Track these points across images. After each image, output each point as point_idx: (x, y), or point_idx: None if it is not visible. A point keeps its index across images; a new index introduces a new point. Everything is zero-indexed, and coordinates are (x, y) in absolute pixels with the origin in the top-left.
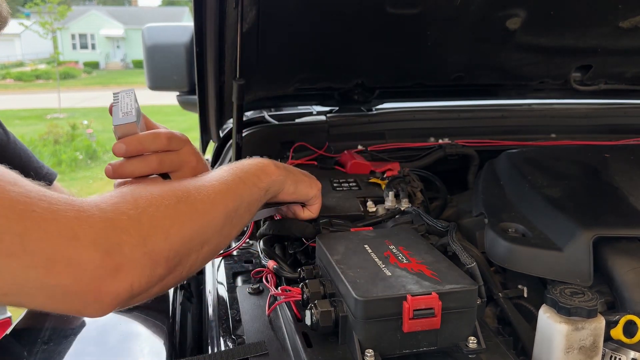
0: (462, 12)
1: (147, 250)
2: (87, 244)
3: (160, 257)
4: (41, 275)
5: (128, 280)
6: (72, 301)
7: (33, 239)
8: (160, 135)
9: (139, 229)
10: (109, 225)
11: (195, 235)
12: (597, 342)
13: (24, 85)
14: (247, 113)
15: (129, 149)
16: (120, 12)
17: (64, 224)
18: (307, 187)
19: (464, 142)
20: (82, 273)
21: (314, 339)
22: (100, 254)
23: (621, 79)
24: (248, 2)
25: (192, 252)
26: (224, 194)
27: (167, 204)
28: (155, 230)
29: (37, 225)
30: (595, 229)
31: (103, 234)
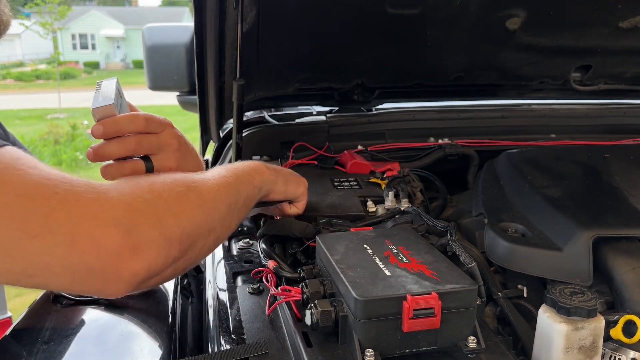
0: (462, 12)
1: (162, 231)
2: (108, 223)
3: (174, 239)
4: (66, 253)
5: (146, 260)
6: (94, 279)
7: (57, 219)
8: (137, 117)
9: (154, 212)
10: (127, 207)
11: (203, 222)
12: (596, 342)
13: (24, 85)
14: (247, 113)
15: (106, 130)
16: (120, 12)
17: (86, 204)
18: (296, 185)
19: (463, 142)
20: (104, 251)
21: (314, 338)
22: (121, 233)
23: (621, 79)
24: (248, 3)
25: (200, 237)
26: (225, 187)
27: (179, 191)
28: (169, 213)
29: (61, 206)
30: (595, 228)
31: (123, 214)
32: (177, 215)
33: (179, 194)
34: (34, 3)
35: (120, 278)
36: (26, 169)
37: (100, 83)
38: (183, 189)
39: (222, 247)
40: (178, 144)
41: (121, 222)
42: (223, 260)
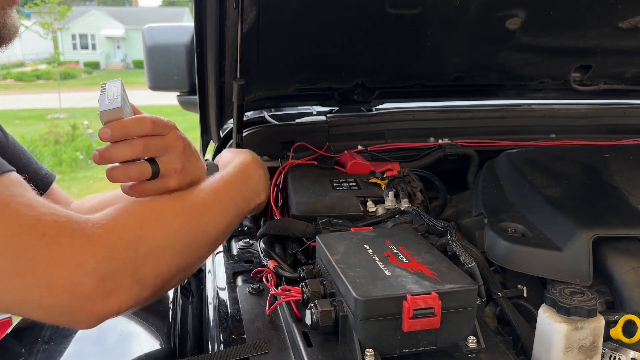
0: (462, 12)
1: (137, 278)
2: (86, 271)
3: (148, 284)
4: (43, 295)
5: (116, 303)
6: (65, 317)
7: (40, 262)
8: (145, 120)
9: (134, 260)
10: (108, 256)
11: (182, 263)
12: (596, 342)
13: (25, 85)
14: (247, 113)
15: (114, 133)
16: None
17: (70, 251)
18: (259, 211)
19: (463, 142)
20: (78, 296)
21: (314, 338)
22: (97, 281)
23: (621, 79)
24: (248, 3)
25: (176, 276)
26: (219, 221)
27: (167, 234)
28: (148, 260)
29: (45, 251)
30: (595, 228)
31: (102, 264)
32: (156, 262)
33: (165, 237)
34: (34, 3)
35: (90, 318)
36: (20, 208)
37: (104, 85)
38: (172, 231)
39: (222, 247)
40: (183, 146)
41: (99, 271)
42: (223, 260)
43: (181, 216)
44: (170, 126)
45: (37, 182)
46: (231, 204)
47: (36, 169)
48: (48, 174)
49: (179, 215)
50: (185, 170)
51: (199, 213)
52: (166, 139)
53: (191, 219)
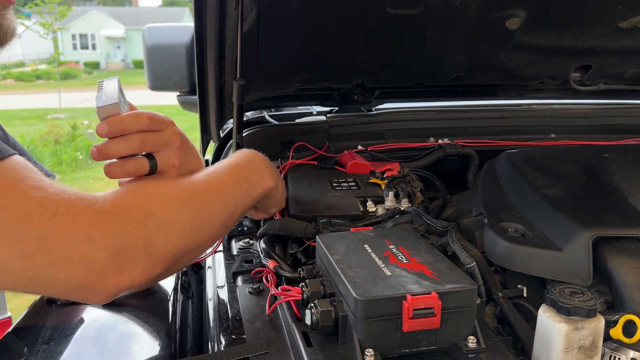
0: (462, 12)
1: (149, 252)
2: (99, 245)
3: (160, 259)
4: (57, 271)
5: (130, 277)
6: (81, 292)
7: (53, 242)
8: (142, 115)
9: (145, 233)
10: (119, 230)
11: (192, 240)
12: (596, 342)
13: (25, 85)
14: (248, 113)
15: (111, 129)
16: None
17: (81, 227)
18: (278, 206)
19: (463, 142)
20: (92, 270)
21: (314, 338)
22: (110, 254)
23: (620, 79)
24: (248, 3)
25: (187, 253)
26: (224, 202)
27: (174, 209)
28: (159, 235)
29: (57, 228)
30: (595, 228)
31: (114, 237)
32: (166, 237)
33: (174, 212)
34: (34, 3)
35: (105, 291)
36: (28, 190)
37: (101, 82)
38: (178, 207)
39: (222, 247)
40: (180, 142)
41: (111, 245)
42: (223, 260)
43: (186, 191)
44: (167, 122)
45: None
46: (234, 186)
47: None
48: (48, 174)
49: (185, 190)
50: (182, 166)
51: (203, 190)
52: (163, 134)
53: (196, 195)
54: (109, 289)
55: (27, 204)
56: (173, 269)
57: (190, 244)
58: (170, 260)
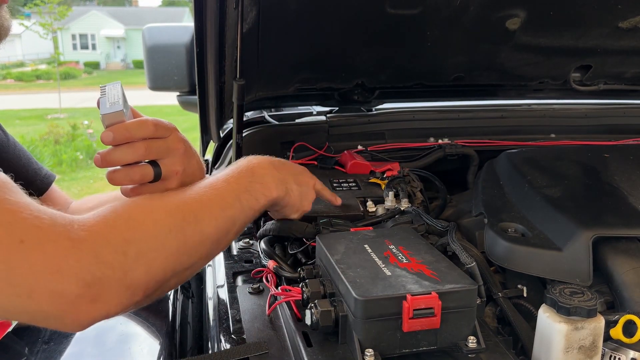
0: (462, 12)
1: (126, 283)
2: (70, 277)
3: (139, 288)
4: (24, 303)
5: (105, 308)
6: (52, 322)
7: (18, 272)
8: (147, 122)
9: (123, 263)
10: (94, 261)
11: (179, 265)
12: (596, 342)
13: (25, 85)
14: (248, 113)
15: (116, 136)
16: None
17: (51, 257)
18: (293, 211)
19: (463, 142)
20: (62, 302)
21: (314, 338)
22: (82, 286)
23: (620, 79)
24: (248, 3)
25: (173, 278)
26: (219, 221)
27: (159, 235)
28: (139, 263)
29: (23, 259)
30: (595, 228)
31: (87, 268)
32: (148, 265)
33: (156, 239)
34: (34, 3)
35: (77, 322)
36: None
37: (104, 87)
38: (163, 232)
39: None
40: (184, 148)
41: (83, 277)
42: (223, 260)
43: (174, 215)
44: (171, 128)
45: (37, 182)
46: (233, 201)
47: (36, 169)
48: (48, 174)
49: (172, 214)
50: (186, 172)
51: (195, 211)
52: (167, 141)
53: (186, 218)
54: (82, 320)
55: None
56: (156, 295)
57: (176, 268)
58: (152, 287)
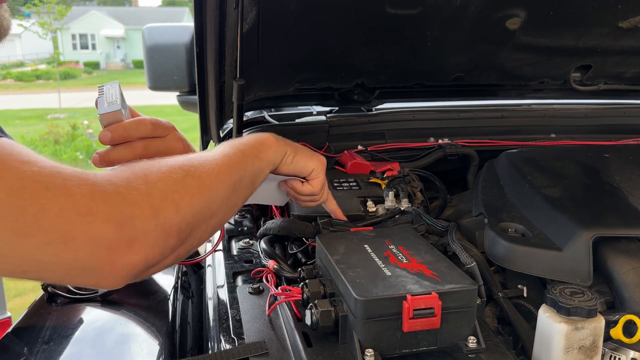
0: (462, 12)
1: (159, 222)
2: (101, 218)
3: (172, 228)
4: (58, 251)
5: (142, 252)
6: (90, 274)
7: (49, 217)
8: (144, 122)
9: (150, 203)
10: (121, 200)
11: (204, 207)
12: (596, 342)
13: (25, 85)
14: (247, 113)
15: (114, 136)
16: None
17: (79, 200)
18: (307, 159)
19: (464, 142)
20: (97, 247)
21: (314, 338)
22: (115, 227)
23: (621, 79)
24: (248, 3)
25: (201, 223)
26: (227, 166)
27: (176, 178)
28: (166, 203)
29: (52, 203)
30: (595, 228)
31: (116, 208)
32: (175, 204)
33: (175, 181)
34: (33, 3)
35: (117, 271)
36: (18, 165)
37: (102, 87)
38: (180, 175)
39: (222, 246)
40: (182, 147)
41: (114, 217)
42: (223, 260)
43: (186, 165)
44: (169, 127)
45: None
46: (235, 152)
47: None
48: None
49: (183, 165)
50: None
51: (201, 162)
52: (166, 140)
53: (194, 166)
54: (121, 268)
55: (17, 178)
56: (189, 242)
57: (202, 212)
58: (184, 230)
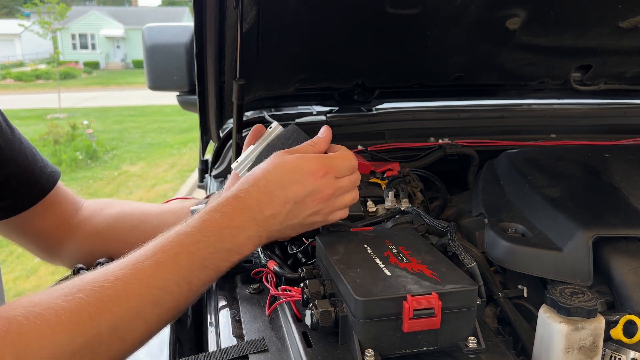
0: (462, 12)
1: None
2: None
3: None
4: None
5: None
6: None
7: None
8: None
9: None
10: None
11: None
12: (597, 342)
13: (24, 85)
14: (247, 113)
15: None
16: (120, 12)
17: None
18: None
19: (464, 142)
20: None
21: (314, 338)
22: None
23: (621, 79)
24: (248, 2)
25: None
26: (149, 323)
27: (54, 351)
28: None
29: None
30: (595, 229)
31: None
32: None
33: (54, 353)
34: (33, 3)
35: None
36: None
37: (271, 127)
38: (65, 343)
39: None
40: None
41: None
42: None
43: (85, 331)
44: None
45: (43, 181)
46: (175, 286)
47: (42, 167)
48: (54, 171)
49: (81, 331)
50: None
51: (114, 318)
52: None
53: (101, 333)
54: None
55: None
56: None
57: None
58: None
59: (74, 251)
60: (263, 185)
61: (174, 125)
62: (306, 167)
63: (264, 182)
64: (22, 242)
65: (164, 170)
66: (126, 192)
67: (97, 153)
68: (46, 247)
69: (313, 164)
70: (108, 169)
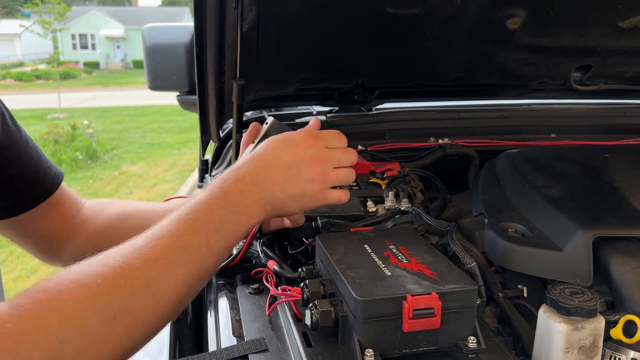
0: (462, 12)
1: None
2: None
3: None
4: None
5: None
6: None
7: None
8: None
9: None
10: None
11: (130, 346)
12: (596, 342)
13: (24, 85)
14: (247, 113)
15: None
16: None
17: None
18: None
19: (464, 142)
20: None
21: (314, 338)
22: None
23: (621, 79)
24: (248, 3)
25: (125, 357)
26: (178, 283)
27: (99, 327)
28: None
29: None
30: (595, 228)
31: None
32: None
33: (98, 332)
34: (33, 3)
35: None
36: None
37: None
38: (108, 319)
39: None
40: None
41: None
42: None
43: (119, 292)
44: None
45: (47, 182)
46: (197, 248)
47: (46, 168)
48: (57, 173)
49: (117, 291)
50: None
51: (147, 277)
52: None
53: (135, 291)
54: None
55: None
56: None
57: (127, 350)
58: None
59: (76, 250)
60: (259, 157)
61: (174, 125)
62: (295, 137)
63: (259, 154)
64: (23, 243)
65: (164, 170)
66: (126, 192)
67: (97, 153)
68: (48, 247)
69: (302, 134)
70: (108, 169)
